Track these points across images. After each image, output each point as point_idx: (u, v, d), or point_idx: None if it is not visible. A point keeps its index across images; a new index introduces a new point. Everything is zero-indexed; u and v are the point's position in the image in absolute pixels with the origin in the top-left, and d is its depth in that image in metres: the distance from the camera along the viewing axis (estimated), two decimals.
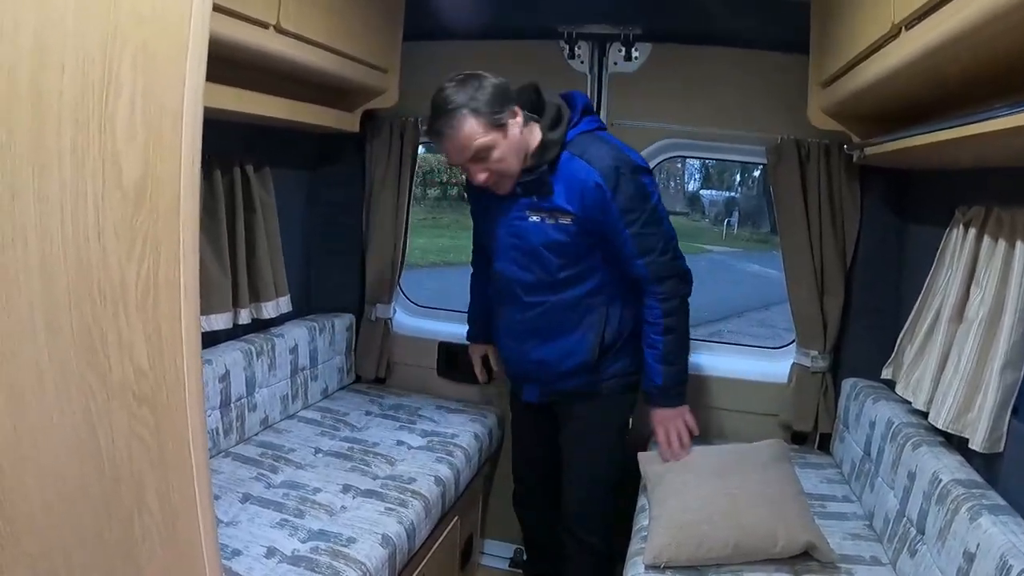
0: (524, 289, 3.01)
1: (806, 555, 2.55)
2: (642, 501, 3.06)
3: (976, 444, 2.29)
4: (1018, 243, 2.22)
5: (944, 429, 2.45)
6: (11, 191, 1.00)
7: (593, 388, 3.08)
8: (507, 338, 3.19)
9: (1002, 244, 2.32)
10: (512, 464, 3.57)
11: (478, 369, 3.78)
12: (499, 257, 3.07)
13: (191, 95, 1.26)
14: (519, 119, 2.79)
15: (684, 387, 3.08)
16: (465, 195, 3.39)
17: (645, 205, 2.86)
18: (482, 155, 2.76)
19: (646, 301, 2.96)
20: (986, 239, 2.42)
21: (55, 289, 1.08)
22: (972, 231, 2.53)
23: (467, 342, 3.76)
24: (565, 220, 2.87)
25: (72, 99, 1.07)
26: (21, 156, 1.01)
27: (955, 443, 2.52)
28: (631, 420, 3.28)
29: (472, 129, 2.71)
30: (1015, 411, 2.27)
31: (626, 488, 3.21)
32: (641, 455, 3.13)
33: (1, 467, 1.03)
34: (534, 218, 2.92)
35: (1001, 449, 2.27)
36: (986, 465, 2.35)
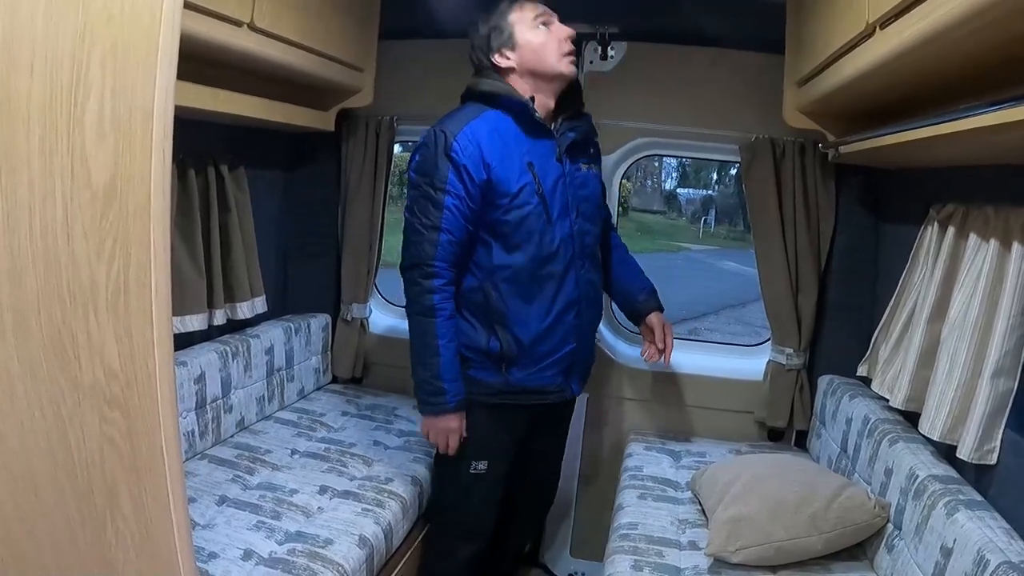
0: (595, 243, 3.00)
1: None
2: (620, 499, 3.07)
3: (964, 454, 2.24)
4: (1015, 245, 2.18)
5: (939, 440, 2.39)
6: None
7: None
8: (568, 315, 2.84)
9: (992, 245, 2.28)
10: (468, 521, 3.04)
11: (455, 444, 2.87)
12: (564, 217, 2.79)
13: (162, 94, 1.25)
14: (512, 53, 2.83)
15: None
16: (458, 168, 2.67)
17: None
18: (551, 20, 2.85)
19: (612, 237, 3.31)
20: (971, 238, 2.40)
21: (24, 290, 1.07)
22: (950, 229, 2.53)
23: (448, 407, 2.79)
24: (597, 168, 3.04)
25: (41, 100, 1.06)
26: None
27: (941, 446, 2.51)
28: None
29: None
30: (1009, 422, 2.21)
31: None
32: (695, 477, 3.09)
33: None
34: (585, 167, 2.94)
35: (993, 462, 2.22)
36: (977, 477, 2.31)
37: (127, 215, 1.21)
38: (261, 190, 3.71)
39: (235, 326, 3.54)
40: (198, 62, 2.49)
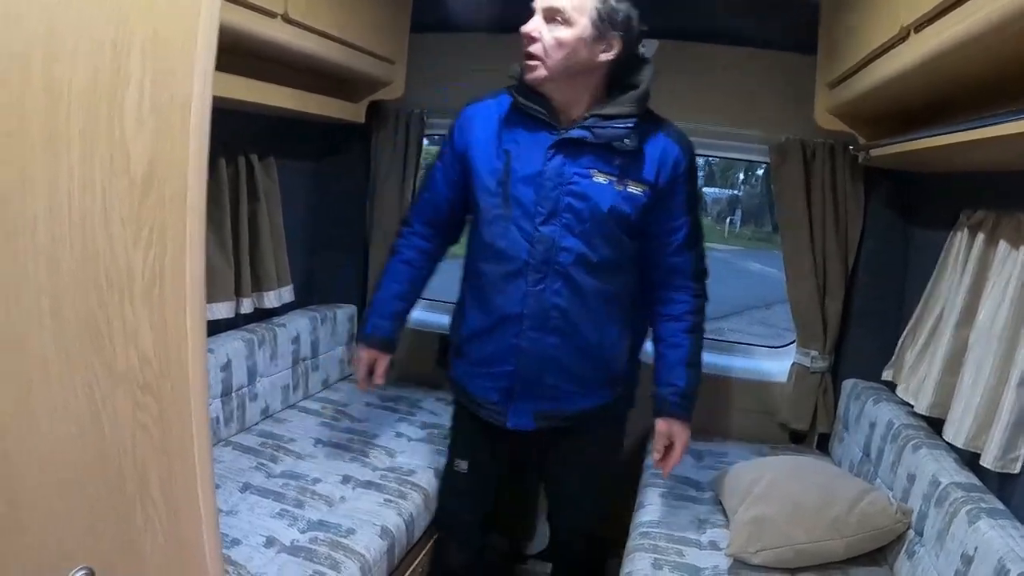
0: (577, 264, 2.51)
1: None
2: (641, 497, 3.07)
3: (988, 462, 2.22)
4: None
5: (962, 448, 2.37)
6: (21, 178, 1.00)
7: (608, 403, 2.73)
8: (506, 329, 2.60)
9: (1022, 252, 2.26)
10: (445, 517, 3.06)
11: (364, 373, 2.91)
12: (525, 220, 2.51)
13: (200, 84, 1.26)
14: (609, 49, 2.42)
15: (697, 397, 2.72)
16: (450, 134, 2.72)
17: (699, 193, 2.74)
18: (555, 17, 2.35)
19: (673, 296, 2.65)
20: (1001, 245, 2.39)
21: (61, 276, 1.08)
22: (980, 235, 2.51)
23: (363, 336, 2.92)
24: (637, 190, 2.49)
25: (82, 87, 1.07)
26: (32, 143, 1.00)
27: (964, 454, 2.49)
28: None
29: None
30: None
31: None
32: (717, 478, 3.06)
33: (6, 454, 1.03)
34: (600, 179, 2.48)
35: (1017, 471, 2.19)
36: (1000, 485, 2.29)
37: (164, 203, 1.22)
38: (290, 180, 3.73)
39: (262, 315, 3.58)
40: (231, 52, 2.50)
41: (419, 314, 4.23)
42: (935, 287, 2.84)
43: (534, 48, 2.38)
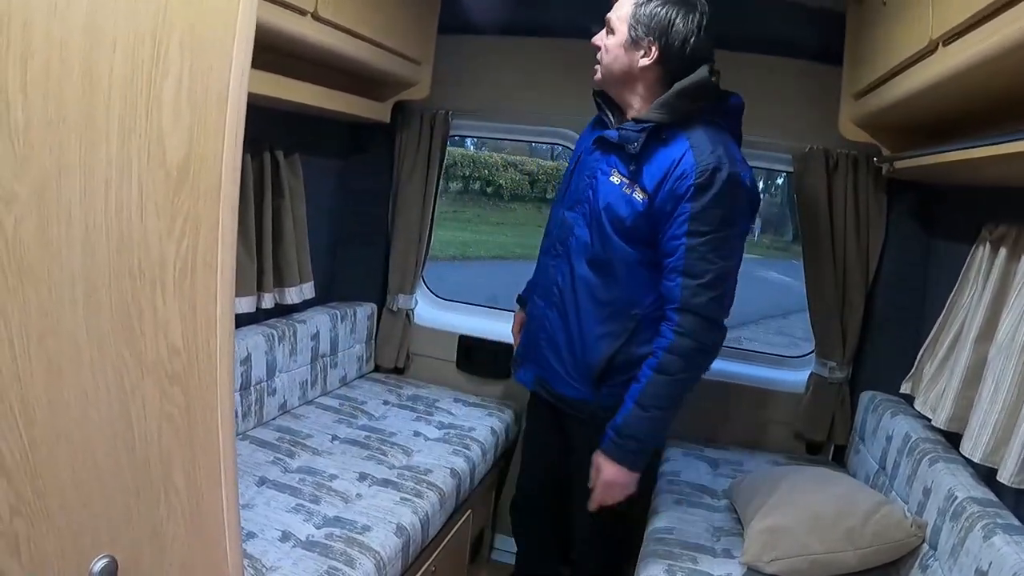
0: (579, 252, 2.70)
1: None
2: (656, 504, 3.07)
3: (1005, 477, 2.19)
4: None
5: (979, 462, 2.34)
6: (59, 166, 1.01)
7: (589, 401, 2.76)
8: (535, 292, 2.97)
9: None
10: (521, 468, 3.43)
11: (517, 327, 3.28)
12: (565, 201, 2.83)
13: (237, 78, 1.28)
14: (647, 56, 2.53)
15: (645, 452, 2.65)
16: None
17: (722, 228, 2.47)
18: (609, 27, 2.61)
19: (661, 327, 2.56)
20: (1023, 260, 2.38)
21: (96, 265, 1.09)
22: (1002, 250, 2.51)
23: (517, 306, 3.31)
24: (639, 196, 2.55)
25: (122, 77, 1.08)
26: (70, 132, 1.02)
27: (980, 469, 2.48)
28: None
29: (620, 5, 2.58)
30: None
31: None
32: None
33: (35, 440, 1.04)
34: (615, 179, 2.62)
35: None
36: (1017, 501, 2.28)
37: (198, 195, 1.24)
38: (314, 177, 3.75)
39: (282, 310, 3.59)
40: (260, 49, 2.51)
41: (438, 315, 4.26)
42: (955, 301, 2.83)
43: (598, 55, 2.66)
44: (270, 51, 2.67)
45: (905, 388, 3.08)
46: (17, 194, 0.96)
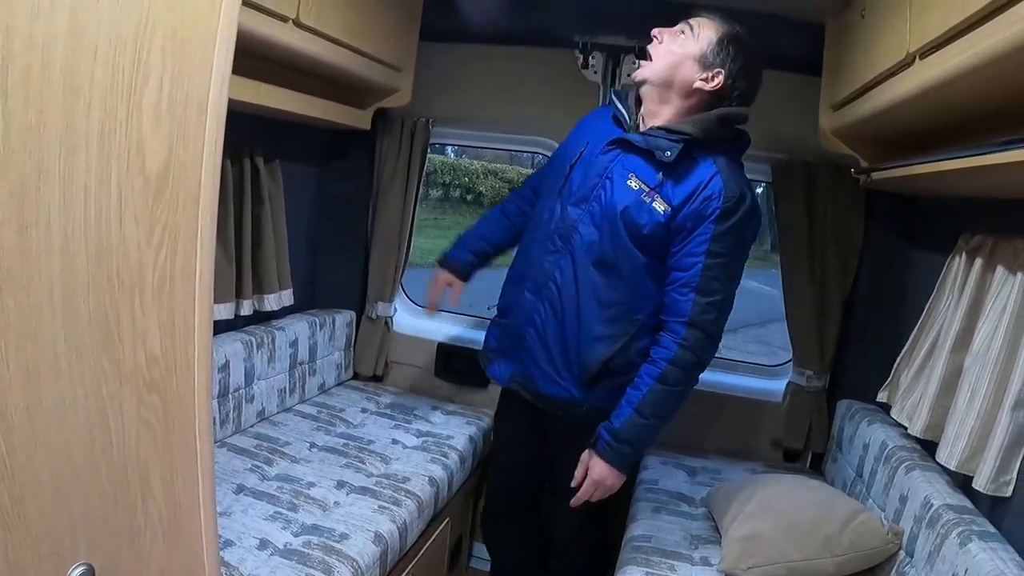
0: (585, 251, 2.65)
1: None
2: (634, 511, 3.08)
3: (980, 485, 2.23)
4: None
5: (955, 470, 2.37)
6: (38, 172, 1.00)
7: (575, 402, 2.75)
8: (522, 285, 2.83)
9: (1019, 278, 2.28)
10: (491, 473, 3.46)
11: (436, 293, 3.31)
12: (565, 198, 2.73)
13: (217, 85, 1.28)
14: (707, 82, 2.55)
15: (637, 456, 2.86)
16: None
17: (736, 252, 2.58)
18: (683, 30, 2.58)
19: (661, 336, 2.60)
20: (998, 269, 2.40)
21: (75, 272, 1.09)
22: (978, 259, 2.53)
23: (439, 263, 3.31)
24: (660, 207, 2.55)
25: (102, 83, 1.07)
26: (50, 138, 1.01)
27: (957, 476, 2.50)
28: None
29: (703, 23, 2.57)
30: None
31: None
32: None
33: (13, 447, 1.03)
34: (632, 184, 2.59)
35: (1008, 494, 2.20)
36: (992, 508, 2.30)
37: (177, 203, 1.23)
38: (294, 184, 3.75)
39: (261, 317, 3.58)
40: (241, 54, 2.51)
41: (417, 323, 4.25)
42: (932, 310, 2.85)
43: (650, 47, 2.62)
44: (251, 57, 2.67)
45: (882, 397, 3.09)
46: None
